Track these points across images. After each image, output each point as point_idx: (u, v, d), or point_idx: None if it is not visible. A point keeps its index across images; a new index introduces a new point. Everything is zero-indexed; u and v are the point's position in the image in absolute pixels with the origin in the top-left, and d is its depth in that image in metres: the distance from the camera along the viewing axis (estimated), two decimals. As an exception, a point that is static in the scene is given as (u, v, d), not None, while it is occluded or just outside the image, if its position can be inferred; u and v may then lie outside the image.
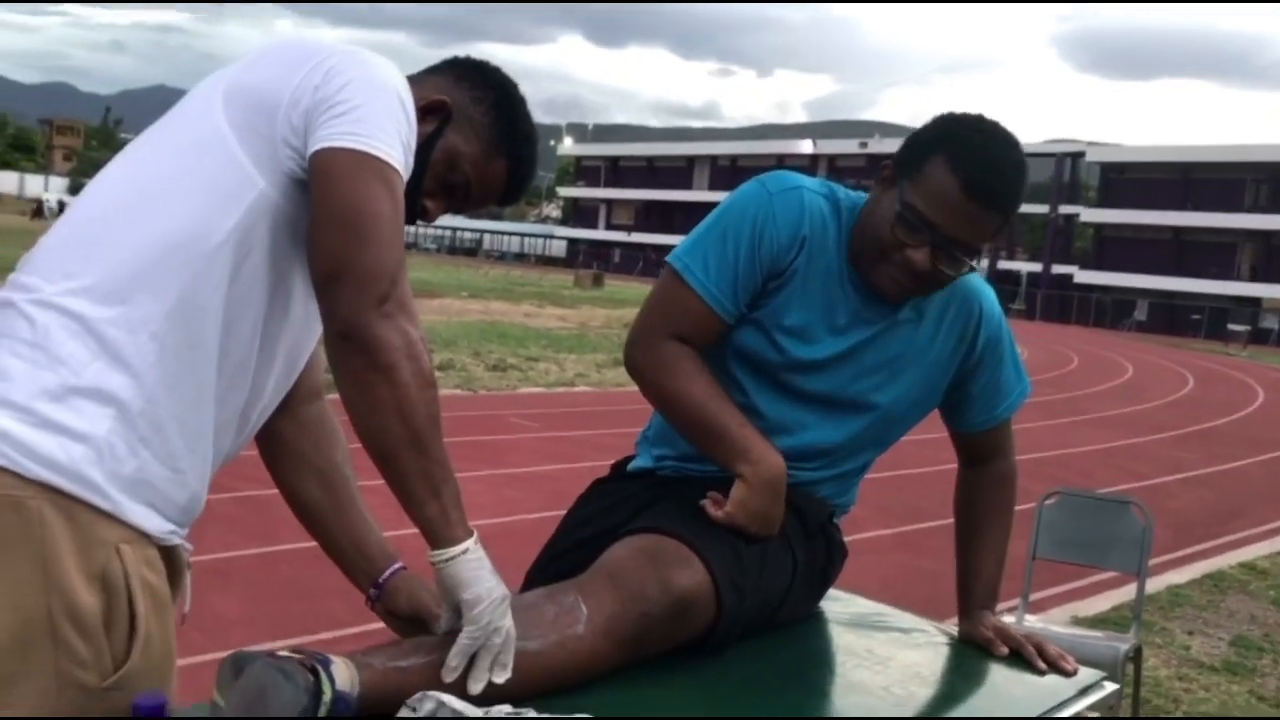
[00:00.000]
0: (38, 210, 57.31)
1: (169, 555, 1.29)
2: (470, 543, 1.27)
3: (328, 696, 1.17)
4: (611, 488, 1.86)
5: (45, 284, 1.21)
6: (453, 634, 1.31)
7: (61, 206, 56.68)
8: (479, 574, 1.27)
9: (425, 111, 1.39)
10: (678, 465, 1.80)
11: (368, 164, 1.22)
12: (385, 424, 1.20)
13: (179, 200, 1.23)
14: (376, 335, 1.18)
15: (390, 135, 1.24)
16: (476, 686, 1.28)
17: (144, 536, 1.22)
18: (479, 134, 1.43)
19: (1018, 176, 1.58)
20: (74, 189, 76.42)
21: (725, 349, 1.71)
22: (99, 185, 1.31)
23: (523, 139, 1.47)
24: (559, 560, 1.75)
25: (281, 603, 4.02)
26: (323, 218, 1.21)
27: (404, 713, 1.22)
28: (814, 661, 1.70)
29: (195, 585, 1.41)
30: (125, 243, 1.22)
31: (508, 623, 1.29)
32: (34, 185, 78.50)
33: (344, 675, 1.21)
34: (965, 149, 1.57)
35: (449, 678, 1.27)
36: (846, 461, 1.80)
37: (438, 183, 1.43)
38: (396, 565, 1.52)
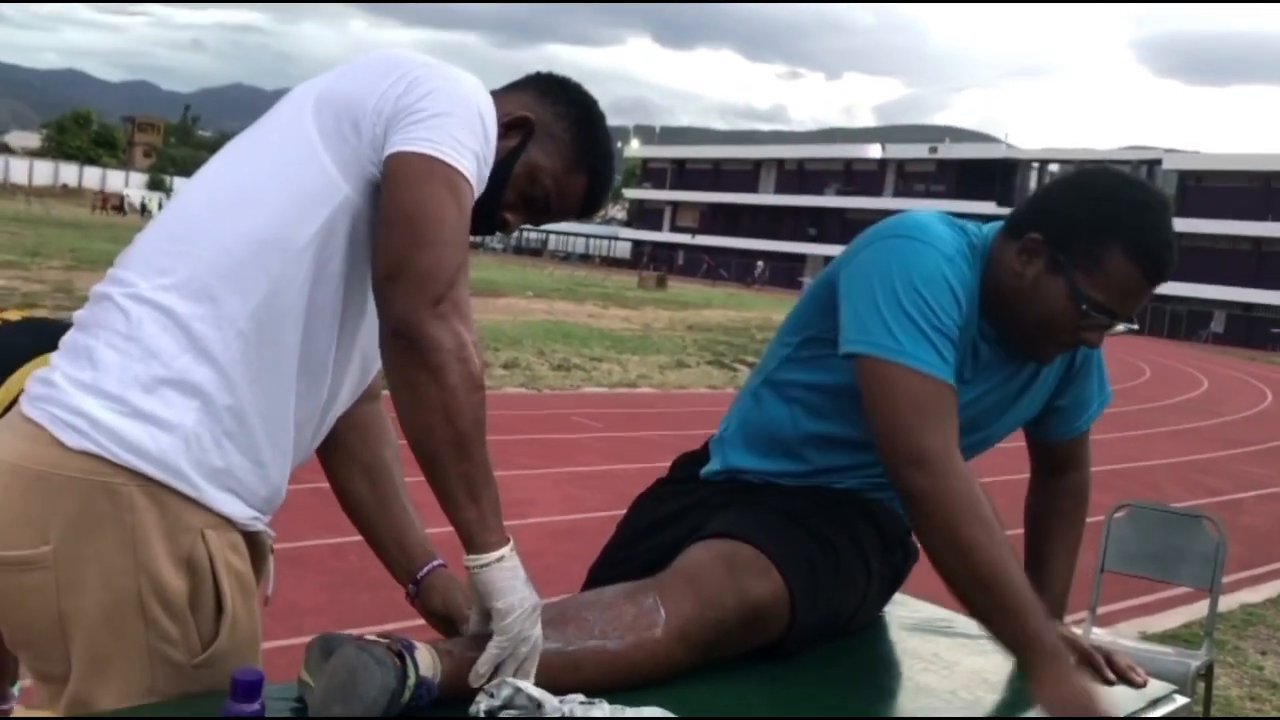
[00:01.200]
0: (119, 206, 58.86)
1: (252, 541, 1.34)
2: (506, 550, 1.28)
3: (412, 681, 1.21)
4: (680, 489, 1.87)
5: (140, 279, 1.28)
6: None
7: (144, 205, 58.22)
8: (512, 583, 1.27)
9: (509, 126, 1.43)
10: (765, 478, 1.78)
11: (436, 169, 1.25)
12: (430, 423, 1.22)
13: (267, 203, 1.29)
14: (428, 334, 1.20)
15: (464, 145, 1.28)
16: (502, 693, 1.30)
17: (228, 522, 1.28)
18: (560, 150, 1.46)
19: (1175, 244, 1.57)
20: (153, 185, 78.51)
21: (843, 379, 1.62)
22: (194, 186, 1.38)
23: (602, 155, 1.50)
24: (627, 562, 1.77)
25: (351, 592, 4.11)
26: (388, 218, 1.25)
27: (482, 698, 1.26)
28: (881, 665, 1.71)
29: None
30: (214, 242, 1.28)
31: (536, 632, 1.29)
32: (115, 180, 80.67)
33: (427, 661, 1.25)
34: (1142, 235, 1.53)
35: (476, 683, 1.27)
36: None
37: (518, 196, 1.47)
38: (435, 563, 1.57)
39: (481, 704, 1.26)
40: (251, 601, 1.32)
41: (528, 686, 1.27)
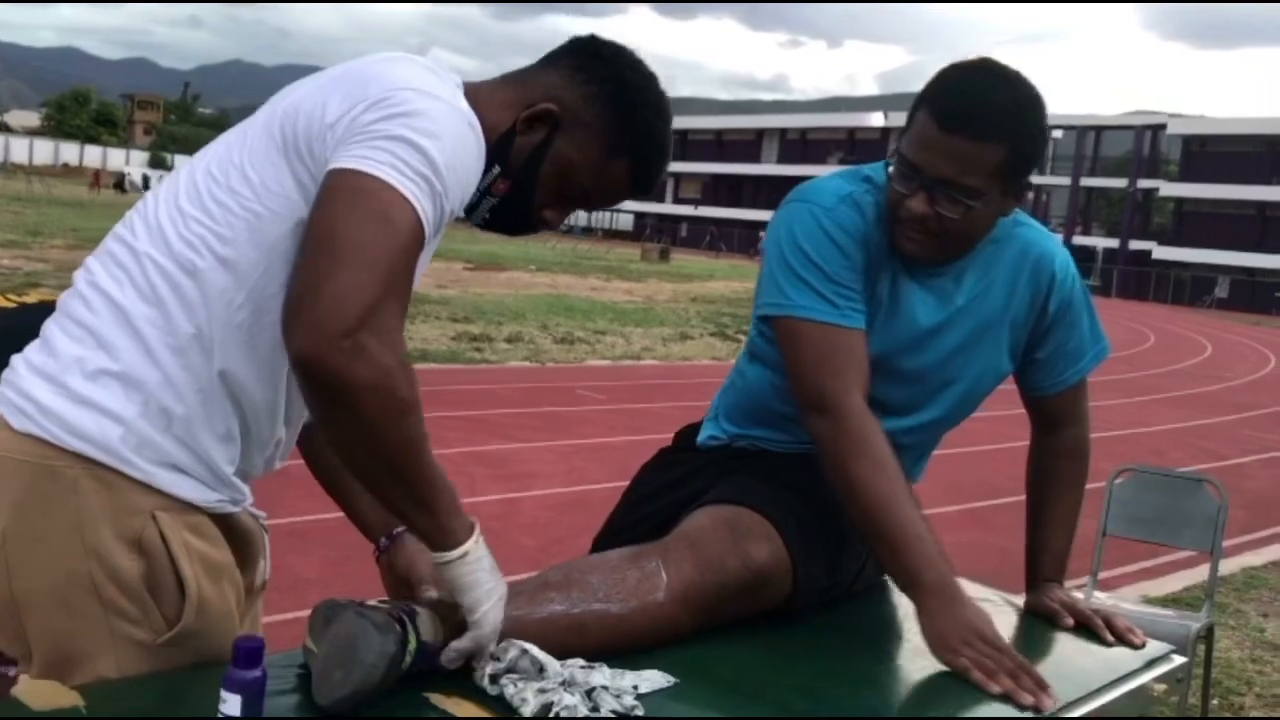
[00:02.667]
0: (120, 184, 58.75)
1: (229, 523, 1.33)
2: (469, 544, 1.24)
3: (413, 646, 1.23)
4: (681, 458, 1.89)
5: (101, 270, 1.28)
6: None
7: (146, 181, 58.06)
8: (476, 576, 1.25)
9: (531, 120, 1.35)
10: (753, 443, 1.82)
11: (367, 186, 1.14)
12: (355, 455, 1.17)
13: (222, 215, 1.26)
14: (332, 371, 1.09)
15: (409, 168, 1.16)
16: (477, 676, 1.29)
17: (186, 505, 1.26)
18: (593, 137, 1.36)
19: (994, 98, 1.52)
20: (154, 162, 78.24)
21: None
22: (164, 186, 1.36)
23: (643, 135, 1.38)
24: (629, 530, 1.78)
25: (355, 565, 4.13)
26: (306, 237, 1.16)
27: (488, 662, 1.28)
28: (881, 628, 1.73)
29: (277, 547, 1.45)
30: (167, 249, 1.26)
31: (499, 617, 1.28)
32: (116, 159, 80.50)
33: (428, 627, 1.27)
34: (938, 86, 1.56)
35: (450, 667, 1.28)
36: (931, 440, 1.83)
37: (552, 193, 1.39)
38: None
39: (486, 666, 1.28)
40: (220, 583, 1.30)
41: (532, 649, 1.28)
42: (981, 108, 1.52)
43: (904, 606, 1.81)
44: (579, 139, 1.36)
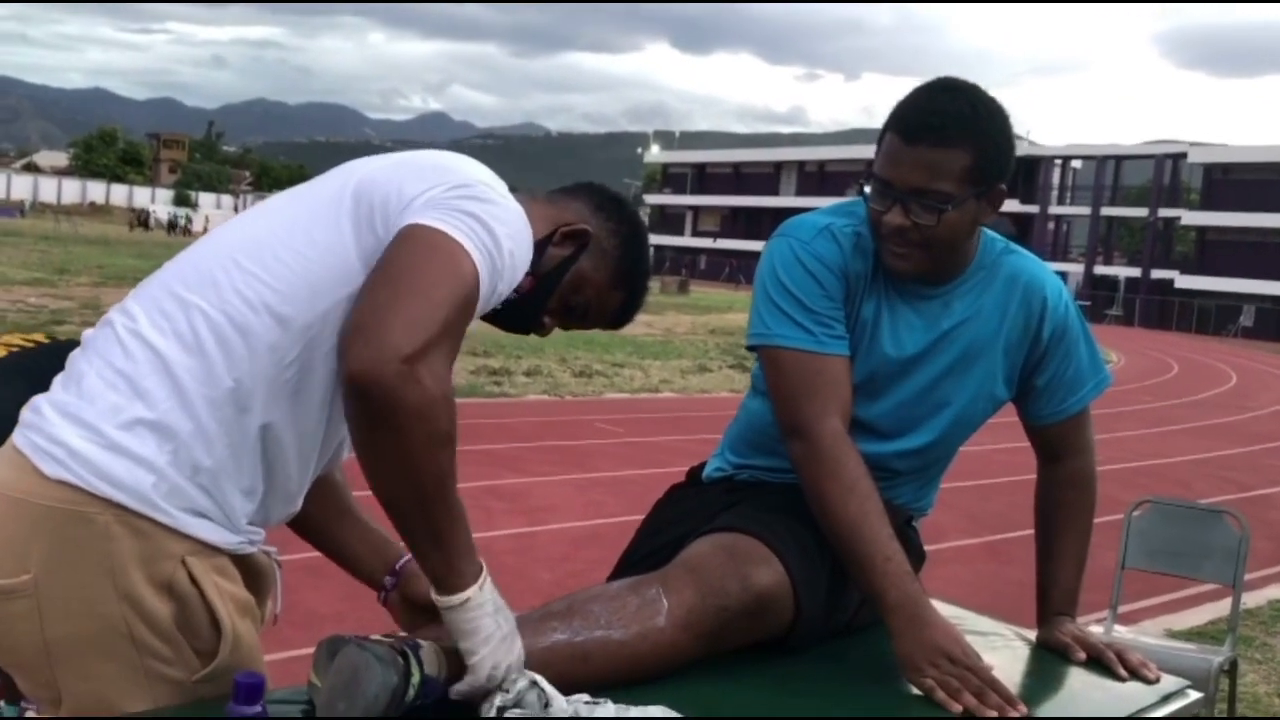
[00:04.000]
0: (143, 221, 59.44)
1: (245, 563, 1.35)
2: (473, 590, 1.26)
3: (416, 679, 1.23)
4: (688, 493, 1.91)
5: (144, 317, 1.29)
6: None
7: (172, 221, 58.69)
8: (478, 623, 1.26)
9: (567, 235, 1.47)
10: (755, 474, 1.83)
11: (441, 244, 1.22)
12: (389, 481, 1.19)
13: (281, 274, 1.28)
14: (387, 391, 1.12)
15: (476, 240, 1.25)
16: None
17: (210, 548, 1.28)
18: (608, 265, 1.52)
19: (950, 108, 1.57)
20: (178, 200, 79.20)
21: None
22: (218, 236, 1.39)
23: (642, 275, 1.57)
24: (639, 564, 1.79)
25: (369, 600, 4.13)
26: (374, 275, 1.22)
27: (496, 694, 1.28)
28: (886, 662, 1.71)
29: (290, 583, 1.47)
30: (219, 300, 1.28)
31: (512, 658, 1.29)
32: (142, 197, 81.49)
33: (432, 660, 1.27)
34: (901, 106, 1.62)
35: (456, 697, 1.28)
36: (927, 465, 1.82)
37: (561, 302, 1.50)
38: (409, 555, 1.55)
39: (496, 699, 1.28)
40: (248, 621, 1.34)
41: (541, 681, 1.29)
42: (939, 117, 1.58)
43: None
44: (596, 263, 1.51)
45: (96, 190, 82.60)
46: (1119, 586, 3.53)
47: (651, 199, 76.33)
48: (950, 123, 1.57)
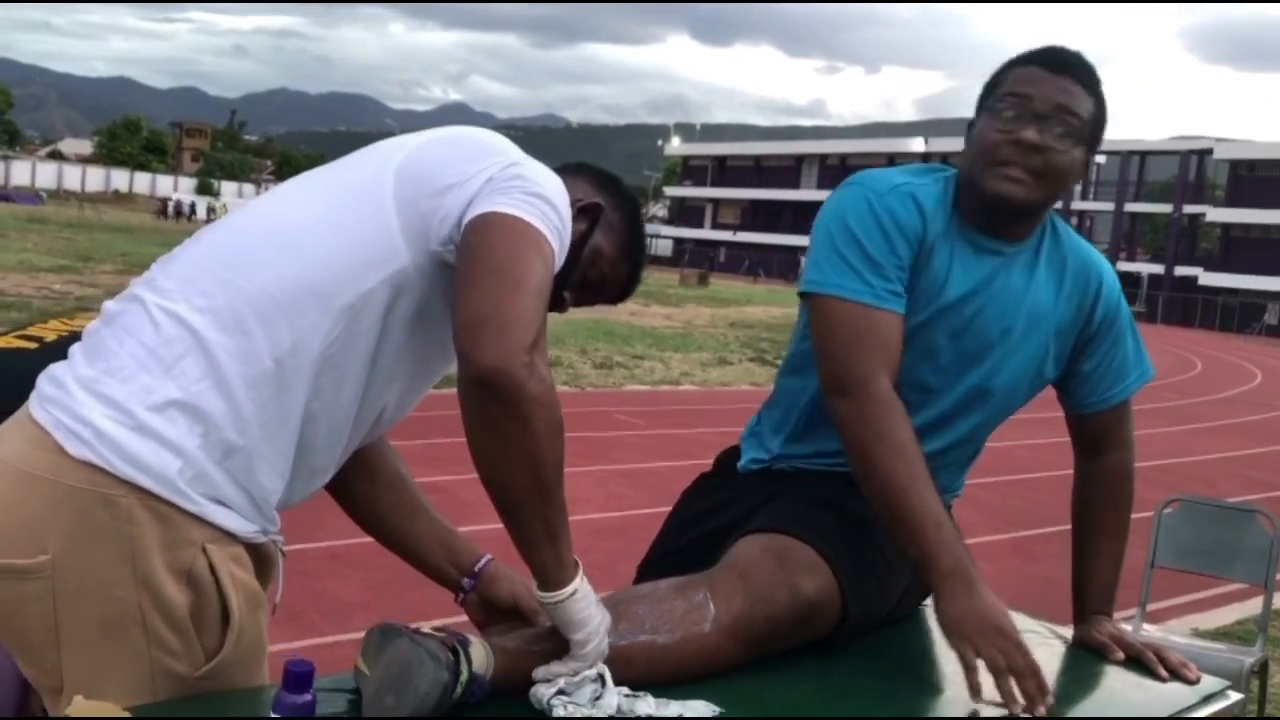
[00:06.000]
0: (163, 210, 59.79)
1: (256, 551, 1.34)
2: (577, 582, 1.30)
3: (465, 677, 1.23)
4: (721, 483, 1.88)
5: (178, 294, 1.27)
6: None
7: (193, 207, 59.04)
8: (587, 613, 1.30)
9: (581, 211, 1.47)
10: (794, 464, 1.81)
11: (526, 229, 1.27)
12: (515, 472, 1.21)
13: (322, 254, 1.28)
14: (519, 382, 1.16)
15: (550, 223, 1.30)
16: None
17: (229, 536, 1.27)
18: (617, 238, 1.54)
19: (1084, 60, 1.64)
20: (201, 189, 79.63)
21: None
22: (256, 212, 1.38)
23: (643, 249, 1.60)
24: (672, 556, 1.78)
25: (397, 589, 4.14)
26: (475, 267, 1.24)
27: (561, 679, 1.30)
28: (926, 659, 1.70)
29: (315, 570, 1.47)
30: (260, 279, 1.27)
31: (605, 645, 1.33)
32: (164, 185, 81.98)
33: (480, 657, 1.27)
34: (1032, 50, 1.66)
35: (540, 678, 1.31)
36: (966, 447, 1.80)
37: (581, 277, 1.51)
38: (488, 556, 1.57)
39: (559, 681, 1.29)
40: (258, 612, 1.32)
41: (608, 673, 1.31)
42: (1081, 60, 1.63)
43: (943, 635, 1.78)
44: (608, 236, 1.53)
45: (120, 178, 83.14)
46: (1148, 585, 3.50)
47: (672, 191, 76.30)
48: (1089, 69, 1.63)
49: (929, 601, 1.83)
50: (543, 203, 1.30)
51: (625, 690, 1.32)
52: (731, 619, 1.46)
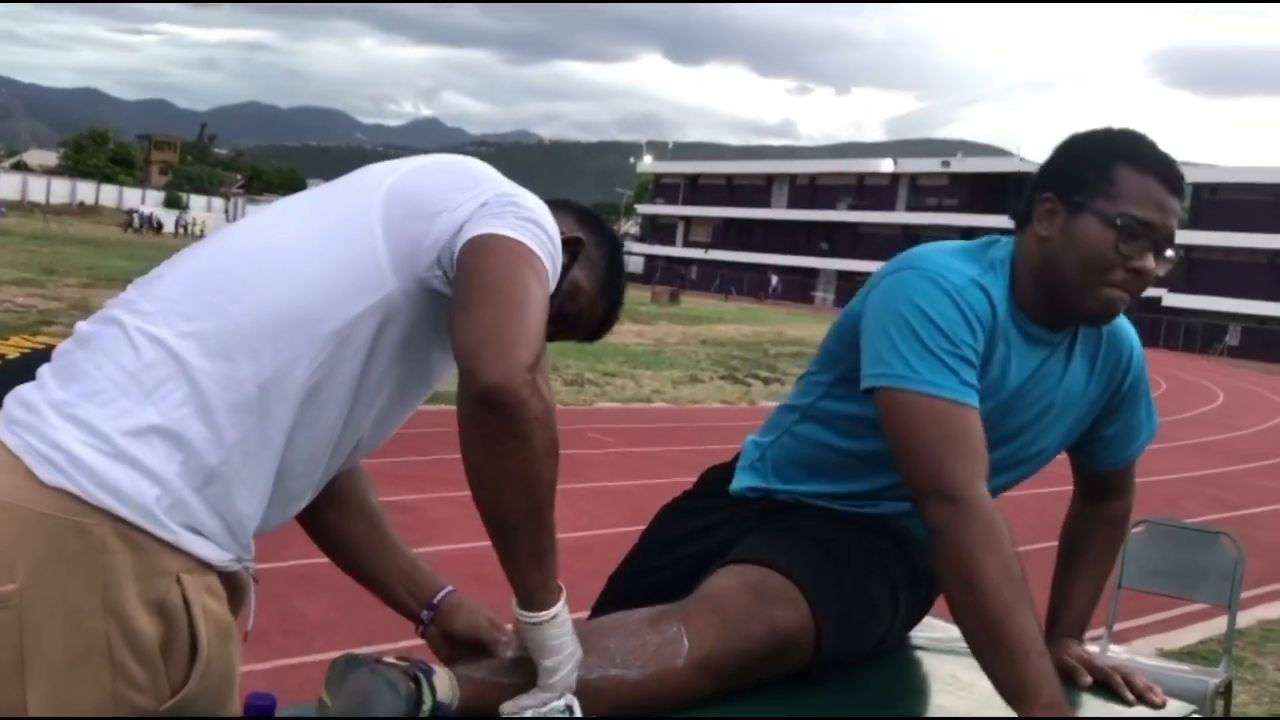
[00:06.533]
0: (130, 222, 59.16)
1: (229, 579, 1.31)
2: (559, 606, 1.29)
3: (427, 706, 1.21)
4: (710, 504, 1.84)
5: (160, 317, 1.24)
6: None
7: (159, 221, 58.47)
8: (562, 640, 1.30)
9: (563, 244, 1.45)
10: (796, 497, 1.76)
11: (524, 253, 1.27)
12: (509, 491, 1.21)
13: (309, 280, 1.27)
14: (521, 401, 1.16)
15: (543, 248, 1.30)
16: None
17: (204, 565, 1.24)
18: (596, 274, 1.55)
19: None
20: (169, 202, 78.90)
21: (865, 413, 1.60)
22: (241, 235, 1.36)
23: (622, 288, 1.61)
24: (650, 574, 1.76)
25: (364, 609, 4.10)
26: (474, 287, 1.23)
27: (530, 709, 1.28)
28: (897, 686, 1.71)
29: (282, 591, 1.44)
30: (246, 304, 1.25)
31: (574, 678, 1.32)
32: (132, 198, 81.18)
33: (445, 686, 1.26)
34: (1141, 149, 1.57)
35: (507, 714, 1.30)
36: None
37: (558, 310, 1.49)
38: (448, 588, 1.56)
39: (528, 712, 1.28)
40: (228, 644, 1.28)
41: (576, 706, 1.30)
42: (1182, 175, 1.58)
43: (921, 664, 1.79)
44: (588, 271, 1.54)
45: (86, 190, 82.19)
46: (1115, 606, 3.53)
47: (644, 209, 76.51)
48: (1184, 183, 1.59)
49: (911, 633, 1.82)
50: (536, 228, 1.31)
51: (594, 720, 1.31)
52: (704, 654, 1.45)
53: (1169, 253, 1.57)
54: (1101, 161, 1.57)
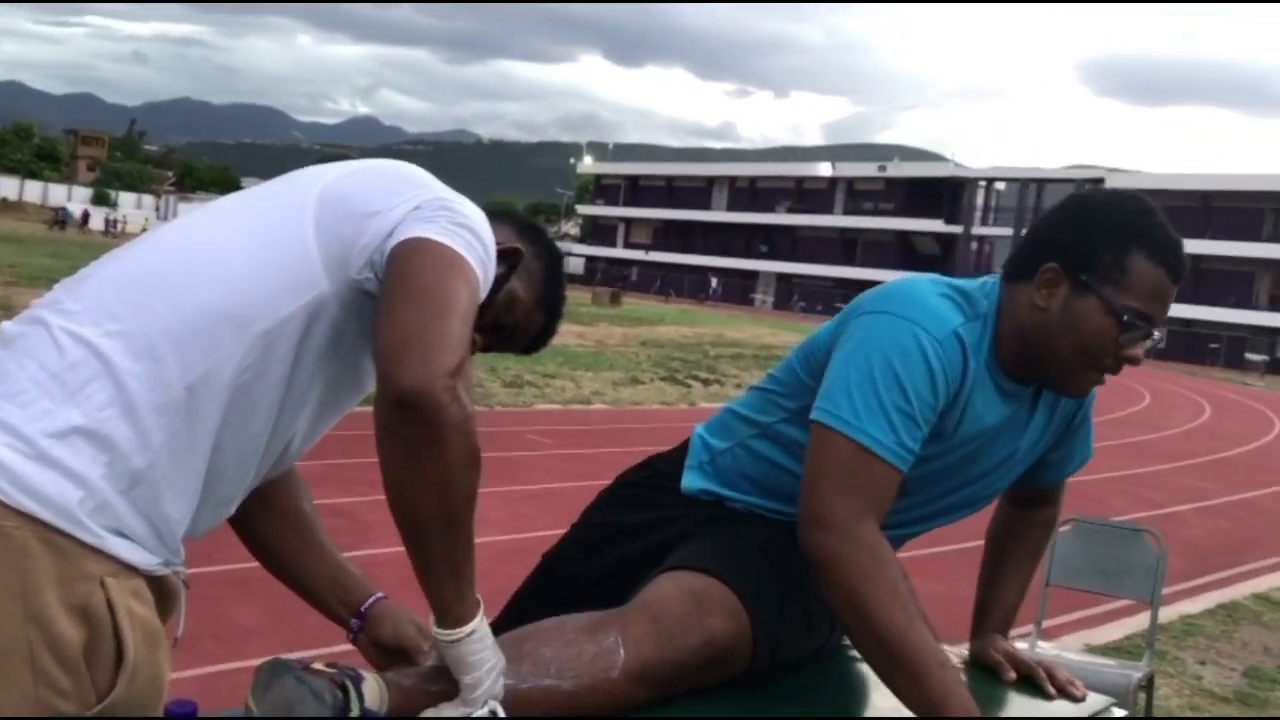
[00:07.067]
0: (56, 219, 57.61)
1: (158, 584, 1.29)
2: (476, 622, 1.27)
3: (355, 713, 1.20)
4: (657, 498, 1.80)
5: (86, 317, 1.22)
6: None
7: (86, 216, 56.98)
8: (481, 655, 1.28)
9: (501, 254, 1.45)
10: (750, 507, 1.74)
11: (453, 258, 1.26)
12: (424, 500, 1.19)
13: (240, 279, 1.26)
14: (439, 407, 1.14)
15: (474, 253, 1.29)
16: None
17: (130, 569, 1.22)
18: (534, 286, 1.54)
19: None
20: (98, 199, 77.04)
21: None
22: (167, 236, 1.34)
23: (560, 301, 1.59)
24: (588, 562, 1.75)
25: (297, 614, 4.04)
26: (400, 290, 1.22)
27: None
28: (824, 682, 1.72)
29: (213, 595, 1.42)
30: (174, 303, 1.23)
31: (498, 688, 1.31)
32: (58, 195, 79.12)
33: (373, 693, 1.25)
34: (1156, 236, 1.54)
35: None
36: (931, 529, 1.81)
37: (492, 321, 1.49)
38: (377, 595, 1.55)
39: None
40: (156, 650, 1.26)
41: (501, 714, 1.28)
42: (1186, 256, 1.56)
43: (846, 659, 1.80)
44: (525, 283, 1.53)
45: (9, 186, 79.84)
46: (1044, 603, 3.60)
47: (584, 209, 76.42)
48: None
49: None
50: (469, 233, 1.30)
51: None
52: (640, 664, 1.44)
53: (1156, 333, 1.55)
54: (1117, 245, 1.52)
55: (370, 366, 1.35)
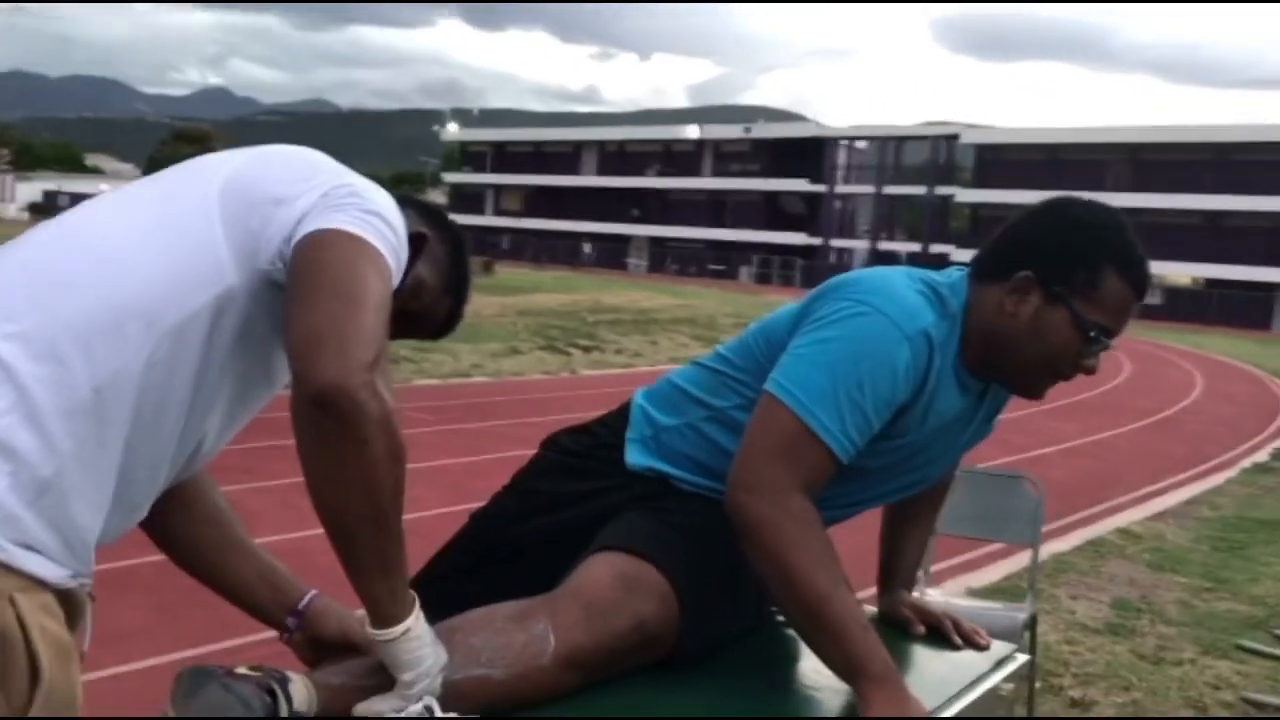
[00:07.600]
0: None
1: (65, 597, 1.23)
2: (411, 619, 1.26)
3: (284, 716, 1.16)
4: (598, 468, 1.77)
5: None
6: None
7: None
8: (419, 653, 1.27)
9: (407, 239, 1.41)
10: (697, 489, 1.73)
11: (362, 247, 1.23)
12: (348, 498, 1.16)
13: (147, 271, 1.20)
14: (357, 403, 1.12)
15: (385, 241, 1.26)
16: None
17: (39, 584, 1.16)
18: (440, 271, 1.53)
19: None
20: (-75, 181, 72.09)
21: None
22: (66, 231, 1.27)
23: (466, 284, 1.58)
24: (520, 526, 1.73)
25: (182, 610, 3.89)
26: (310, 283, 1.18)
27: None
28: (750, 650, 1.74)
29: (97, 596, 1.36)
30: (77, 300, 1.17)
31: (438, 683, 1.30)
32: (-120, 177, 73.85)
33: (301, 695, 1.21)
34: (1128, 254, 1.57)
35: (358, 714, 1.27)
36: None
37: (400, 307, 1.43)
38: (313, 592, 1.51)
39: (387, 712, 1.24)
40: (69, 666, 1.20)
41: (438, 710, 1.26)
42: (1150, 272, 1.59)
43: (790, 646, 1.80)
44: (431, 268, 1.51)
45: None
46: (931, 552, 3.71)
47: (451, 177, 75.20)
48: None
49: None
50: (379, 220, 1.26)
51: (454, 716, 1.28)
52: (570, 650, 1.44)
53: (1113, 344, 1.60)
54: (1092, 261, 1.55)
55: (282, 360, 1.31)
